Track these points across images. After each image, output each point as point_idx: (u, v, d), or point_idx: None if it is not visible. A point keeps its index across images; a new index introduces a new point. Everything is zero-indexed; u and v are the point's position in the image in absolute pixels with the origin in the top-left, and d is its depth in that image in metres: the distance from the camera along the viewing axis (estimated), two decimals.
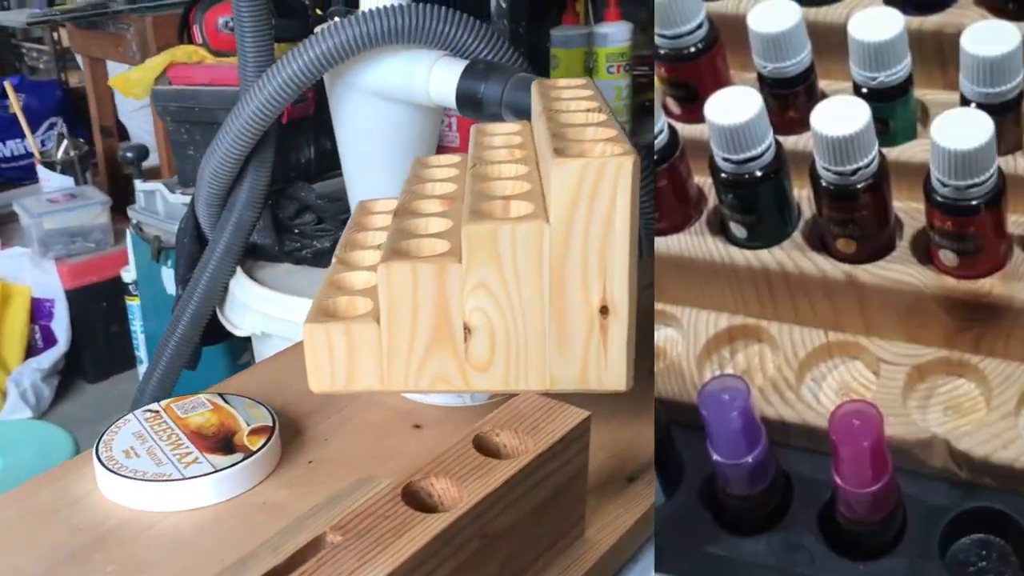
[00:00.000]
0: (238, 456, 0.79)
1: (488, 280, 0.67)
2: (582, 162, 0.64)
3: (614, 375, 0.69)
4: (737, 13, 0.88)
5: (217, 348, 1.74)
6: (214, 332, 1.49)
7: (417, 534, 0.56)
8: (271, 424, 0.83)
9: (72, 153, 2.99)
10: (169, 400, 0.87)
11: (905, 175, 0.78)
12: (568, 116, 0.76)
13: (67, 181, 2.96)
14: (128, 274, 2.49)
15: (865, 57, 0.79)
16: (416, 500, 0.60)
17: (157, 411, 0.85)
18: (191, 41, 2.07)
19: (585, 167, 0.64)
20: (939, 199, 0.72)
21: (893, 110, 0.80)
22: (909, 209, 0.79)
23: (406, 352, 0.70)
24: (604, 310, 0.67)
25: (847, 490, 0.68)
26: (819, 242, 0.79)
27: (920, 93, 0.83)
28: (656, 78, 0.88)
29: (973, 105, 0.76)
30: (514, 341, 0.69)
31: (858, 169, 0.73)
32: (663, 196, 0.82)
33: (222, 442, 0.81)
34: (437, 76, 1.14)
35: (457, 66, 1.13)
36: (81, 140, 3.13)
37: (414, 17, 1.10)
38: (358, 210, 0.89)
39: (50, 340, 2.86)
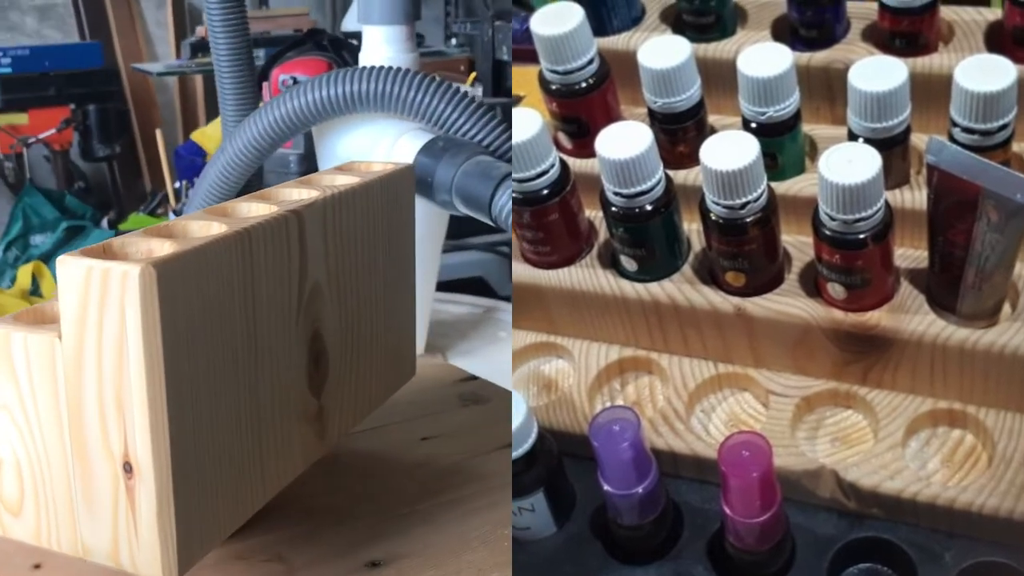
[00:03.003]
0: None
1: (9, 401, 0.53)
2: (87, 264, 0.48)
3: (147, 557, 0.52)
4: (628, 49, 0.89)
5: None
6: None
7: None
8: None
9: None
10: None
11: (794, 209, 0.79)
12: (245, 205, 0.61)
13: None
14: None
15: (754, 92, 0.80)
16: None
17: None
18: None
19: (89, 273, 0.48)
20: (827, 233, 0.73)
21: (782, 145, 0.81)
22: (798, 243, 0.79)
23: None
24: (128, 467, 0.51)
25: (736, 520, 0.68)
26: (708, 275, 0.79)
27: (808, 128, 0.84)
28: (548, 113, 0.88)
29: (861, 140, 0.77)
30: (43, 487, 0.54)
31: (747, 203, 0.74)
32: (555, 230, 0.82)
33: None
34: (400, 151, 0.97)
35: (421, 141, 0.95)
36: None
37: (382, 82, 0.93)
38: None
39: None
